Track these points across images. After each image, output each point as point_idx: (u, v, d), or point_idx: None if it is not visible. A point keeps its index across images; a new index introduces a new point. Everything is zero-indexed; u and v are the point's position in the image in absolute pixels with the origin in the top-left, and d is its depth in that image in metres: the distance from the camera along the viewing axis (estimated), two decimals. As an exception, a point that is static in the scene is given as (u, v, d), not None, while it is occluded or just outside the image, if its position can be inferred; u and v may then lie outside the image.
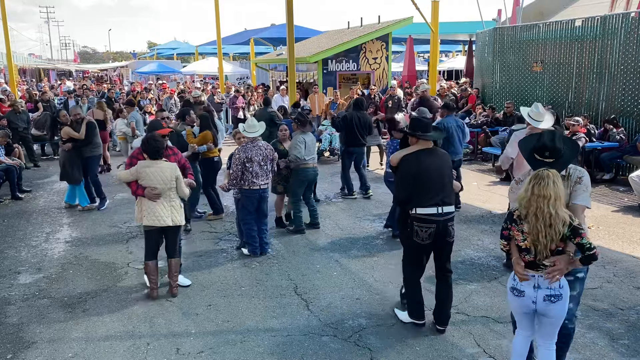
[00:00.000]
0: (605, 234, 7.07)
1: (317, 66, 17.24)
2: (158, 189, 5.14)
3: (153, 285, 5.38)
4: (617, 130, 9.95)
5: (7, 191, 9.58)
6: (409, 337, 4.50)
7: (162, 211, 5.19)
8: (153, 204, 5.17)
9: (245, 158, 6.26)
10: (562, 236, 3.18)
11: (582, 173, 3.54)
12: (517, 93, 13.05)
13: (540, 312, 3.35)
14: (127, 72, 37.76)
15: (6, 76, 24.08)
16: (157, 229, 5.26)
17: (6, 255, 6.75)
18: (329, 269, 6.07)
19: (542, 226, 3.16)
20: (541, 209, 3.15)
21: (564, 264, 3.25)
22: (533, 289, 3.30)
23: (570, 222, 3.17)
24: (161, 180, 5.14)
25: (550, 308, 3.30)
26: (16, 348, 4.49)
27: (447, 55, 36.96)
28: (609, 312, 4.90)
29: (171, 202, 5.24)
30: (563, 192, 3.21)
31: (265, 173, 6.41)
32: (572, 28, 11.35)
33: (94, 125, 8.76)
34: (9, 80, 19.84)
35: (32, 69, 40.12)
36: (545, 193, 3.15)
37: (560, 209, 3.16)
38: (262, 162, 6.35)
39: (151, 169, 5.14)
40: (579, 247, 3.20)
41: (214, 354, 4.33)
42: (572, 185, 3.50)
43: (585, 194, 3.50)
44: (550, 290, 3.27)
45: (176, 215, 5.28)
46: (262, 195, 6.45)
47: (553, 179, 3.17)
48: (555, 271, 3.24)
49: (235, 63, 33.75)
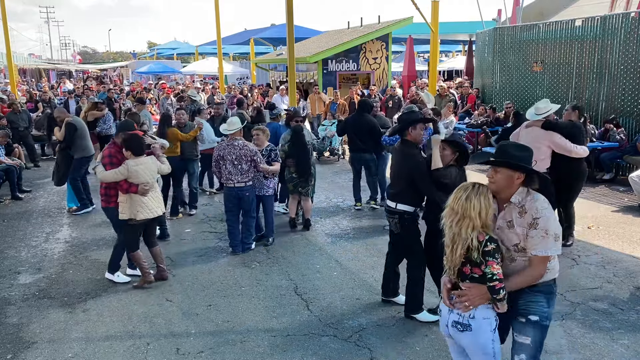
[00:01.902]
0: (605, 234, 7.07)
1: (317, 66, 17.24)
2: (150, 183, 5.43)
3: (147, 270, 5.64)
4: (617, 130, 9.95)
5: (7, 191, 9.59)
6: (409, 337, 4.50)
7: (153, 203, 5.52)
8: (145, 198, 5.42)
9: (217, 156, 6.44)
10: (474, 261, 2.82)
11: (539, 213, 2.82)
12: (517, 93, 13.05)
13: (454, 339, 3.01)
14: (127, 72, 37.77)
15: (6, 76, 24.08)
16: (145, 221, 5.52)
17: (6, 255, 6.75)
18: (329, 269, 6.07)
19: (449, 243, 2.87)
20: (449, 225, 2.85)
21: (475, 292, 2.83)
22: (448, 311, 2.96)
23: (478, 247, 2.77)
24: (150, 175, 5.48)
25: (460, 337, 2.93)
26: (16, 348, 4.49)
27: (447, 55, 36.94)
28: (609, 312, 4.89)
29: (156, 192, 5.61)
30: (482, 211, 2.79)
31: (240, 172, 6.38)
32: (572, 28, 11.35)
33: (74, 126, 8.24)
34: (9, 80, 19.84)
35: (32, 69, 40.11)
36: (456, 208, 2.83)
37: (465, 229, 2.79)
38: (236, 162, 6.35)
39: (141, 166, 5.42)
40: (483, 276, 2.82)
41: (214, 354, 4.33)
42: (527, 227, 2.86)
43: (545, 241, 2.82)
44: (459, 316, 2.89)
45: (161, 204, 5.73)
46: (238, 194, 6.45)
47: (469, 194, 2.81)
48: (462, 297, 2.86)
49: (235, 63, 33.74)
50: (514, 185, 2.90)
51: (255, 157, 6.41)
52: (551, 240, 2.82)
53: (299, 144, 7.17)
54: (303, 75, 19.00)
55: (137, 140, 5.48)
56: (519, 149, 2.96)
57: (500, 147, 3.05)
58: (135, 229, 5.56)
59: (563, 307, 4.97)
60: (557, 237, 2.84)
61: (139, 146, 5.44)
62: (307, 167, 7.20)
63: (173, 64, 35.84)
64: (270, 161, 6.69)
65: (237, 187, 6.43)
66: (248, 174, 6.44)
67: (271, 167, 6.65)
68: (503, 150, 2.99)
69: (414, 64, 19.26)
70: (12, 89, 18.54)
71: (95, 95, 17.20)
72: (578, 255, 6.29)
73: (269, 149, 6.78)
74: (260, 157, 6.50)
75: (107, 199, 5.64)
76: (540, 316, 2.94)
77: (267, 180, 6.77)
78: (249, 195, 6.53)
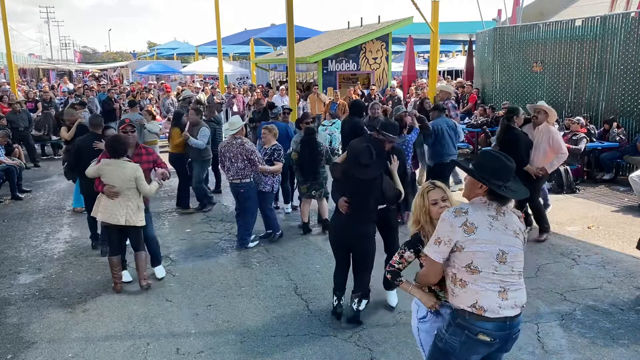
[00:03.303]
0: (605, 234, 7.07)
1: (317, 66, 17.24)
2: (116, 187, 5.27)
3: (116, 280, 5.57)
4: (618, 130, 9.95)
5: (7, 191, 9.59)
6: (409, 337, 4.49)
7: (117, 210, 5.32)
8: (111, 201, 5.33)
9: (220, 153, 6.77)
10: None
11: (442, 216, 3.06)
12: (517, 93, 13.05)
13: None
14: (127, 72, 37.74)
15: (6, 76, 24.07)
16: (113, 226, 5.38)
17: (6, 255, 6.75)
18: (329, 269, 6.03)
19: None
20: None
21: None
22: None
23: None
24: (119, 179, 5.27)
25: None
26: (16, 348, 4.49)
27: (447, 55, 36.92)
28: (609, 312, 4.89)
29: (128, 202, 5.36)
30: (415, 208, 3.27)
31: (236, 170, 6.56)
32: (572, 28, 11.35)
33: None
34: (9, 80, 19.83)
35: (32, 69, 40.10)
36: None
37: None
38: (233, 159, 6.56)
39: (111, 167, 5.30)
40: None
41: (214, 354, 4.33)
42: None
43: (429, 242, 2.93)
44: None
45: (131, 215, 5.37)
46: (235, 189, 6.73)
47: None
48: None
49: (235, 63, 33.73)
50: (474, 193, 2.90)
51: (251, 155, 6.52)
52: (432, 240, 2.87)
53: (309, 146, 7.04)
54: (303, 75, 19.00)
55: (115, 141, 5.36)
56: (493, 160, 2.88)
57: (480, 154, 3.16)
58: (108, 231, 5.51)
59: (563, 307, 4.97)
60: (437, 240, 2.82)
61: (113, 148, 5.31)
62: (315, 169, 7.07)
63: (173, 64, 35.79)
64: (273, 160, 6.80)
65: (234, 183, 6.67)
66: (244, 171, 6.57)
67: (271, 167, 6.73)
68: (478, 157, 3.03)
69: (414, 64, 19.25)
70: (12, 88, 18.53)
71: (95, 95, 17.22)
72: (578, 255, 6.29)
73: (272, 149, 6.88)
74: (258, 156, 6.58)
75: None
76: (437, 335, 2.98)
77: (266, 178, 6.83)
78: (244, 192, 6.65)
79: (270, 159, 6.80)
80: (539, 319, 4.76)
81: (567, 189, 9.19)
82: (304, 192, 7.23)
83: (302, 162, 7.07)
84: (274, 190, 7.02)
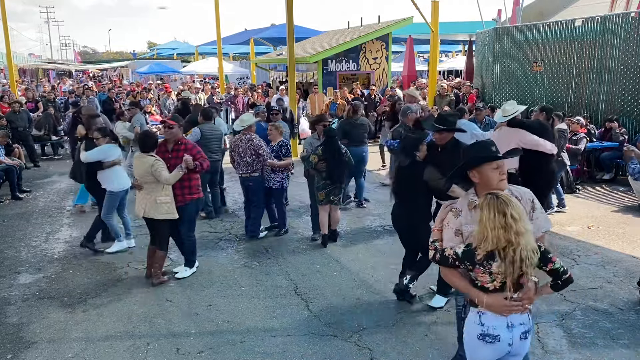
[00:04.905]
0: (605, 234, 7.07)
1: (317, 66, 17.24)
2: (139, 180, 5.56)
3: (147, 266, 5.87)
4: (619, 130, 9.94)
5: (7, 191, 9.58)
6: (409, 337, 4.50)
7: (140, 201, 5.58)
8: (138, 193, 5.61)
9: (230, 148, 7.11)
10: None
11: (530, 194, 3.08)
12: (517, 93, 13.04)
13: (512, 354, 2.85)
14: (127, 72, 37.74)
15: (6, 76, 24.07)
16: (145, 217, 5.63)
17: (6, 255, 6.75)
18: (329, 269, 6.07)
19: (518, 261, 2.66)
20: (512, 242, 2.64)
21: (533, 290, 2.78)
22: (507, 329, 2.76)
23: (538, 249, 2.72)
24: (137, 172, 5.56)
25: (523, 346, 2.84)
26: (16, 348, 4.49)
27: (447, 55, 36.92)
28: (609, 312, 4.89)
29: (148, 194, 5.49)
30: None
31: (245, 164, 6.87)
32: (572, 28, 11.35)
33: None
34: (9, 80, 19.83)
35: (32, 69, 40.10)
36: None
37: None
38: (242, 154, 6.86)
39: (137, 160, 5.58)
40: (553, 273, 2.76)
41: (214, 354, 4.33)
42: (530, 212, 3.05)
43: (543, 216, 3.10)
44: (523, 326, 2.80)
45: (150, 208, 5.49)
46: (244, 183, 7.05)
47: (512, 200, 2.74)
48: (526, 299, 2.76)
49: (236, 63, 33.69)
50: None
51: (260, 150, 6.82)
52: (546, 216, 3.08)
53: (334, 150, 6.54)
54: (303, 75, 19.00)
55: (146, 136, 5.67)
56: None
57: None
58: (146, 221, 5.76)
59: (563, 307, 4.97)
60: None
61: (142, 142, 5.58)
62: (343, 174, 6.71)
63: (173, 64, 35.79)
64: (281, 156, 7.01)
65: (243, 177, 6.99)
66: (252, 166, 6.87)
67: (280, 162, 6.96)
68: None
69: (414, 64, 19.25)
70: (12, 88, 18.53)
71: (95, 95, 17.23)
72: (578, 255, 6.29)
73: (279, 145, 7.08)
74: (266, 152, 6.86)
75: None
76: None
77: (275, 174, 6.99)
78: (252, 185, 6.98)
79: (278, 155, 7.01)
80: (539, 319, 4.76)
81: (567, 189, 9.18)
82: (322, 199, 6.66)
83: (331, 167, 6.52)
84: (283, 186, 7.18)
